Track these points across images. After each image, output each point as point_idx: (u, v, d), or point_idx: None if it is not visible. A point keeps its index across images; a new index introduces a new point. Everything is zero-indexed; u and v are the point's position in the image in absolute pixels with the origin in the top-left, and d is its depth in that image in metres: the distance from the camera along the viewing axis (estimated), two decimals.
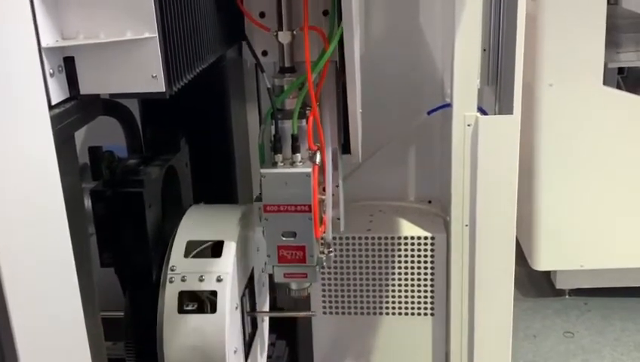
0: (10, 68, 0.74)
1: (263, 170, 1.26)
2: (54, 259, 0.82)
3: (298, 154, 1.26)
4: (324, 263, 1.37)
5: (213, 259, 1.27)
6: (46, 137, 0.81)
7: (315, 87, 1.28)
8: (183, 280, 1.25)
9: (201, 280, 1.25)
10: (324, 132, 1.34)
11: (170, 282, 1.25)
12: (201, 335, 1.23)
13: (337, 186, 1.50)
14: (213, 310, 1.24)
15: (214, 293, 1.24)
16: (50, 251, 0.81)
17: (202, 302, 1.27)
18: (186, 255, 1.28)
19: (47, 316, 0.79)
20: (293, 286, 1.39)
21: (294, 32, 1.30)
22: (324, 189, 1.37)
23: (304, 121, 1.28)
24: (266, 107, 1.32)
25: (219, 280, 1.25)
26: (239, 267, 1.31)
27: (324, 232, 1.38)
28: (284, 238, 1.27)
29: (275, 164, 1.26)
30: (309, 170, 1.25)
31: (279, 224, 1.27)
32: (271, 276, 1.33)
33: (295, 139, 1.26)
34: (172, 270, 1.26)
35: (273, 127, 1.26)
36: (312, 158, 1.28)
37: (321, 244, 1.37)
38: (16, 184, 0.73)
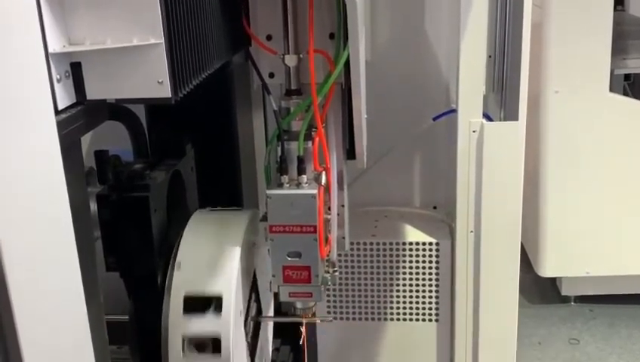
0: (17, 73, 0.75)
1: (268, 191, 1.26)
2: (59, 262, 0.82)
3: (304, 176, 1.26)
4: (329, 282, 1.37)
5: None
6: (52, 142, 0.81)
7: (321, 109, 1.28)
8: None
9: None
10: (330, 153, 1.35)
11: None
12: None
13: (343, 206, 1.50)
14: None
15: None
16: (55, 255, 0.81)
17: None
18: None
19: (51, 319, 0.80)
20: (299, 305, 1.39)
21: (301, 56, 1.29)
22: (329, 208, 1.37)
23: (310, 143, 1.28)
24: (272, 115, 1.32)
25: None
26: (243, 275, 1.32)
27: (330, 252, 1.38)
28: (289, 258, 1.27)
29: (281, 185, 1.26)
30: (315, 191, 1.25)
31: (285, 244, 1.27)
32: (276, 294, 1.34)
33: (301, 160, 1.26)
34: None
35: (279, 149, 1.27)
36: (317, 179, 1.28)
37: (327, 264, 1.37)
38: (21, 188, 0.74)
